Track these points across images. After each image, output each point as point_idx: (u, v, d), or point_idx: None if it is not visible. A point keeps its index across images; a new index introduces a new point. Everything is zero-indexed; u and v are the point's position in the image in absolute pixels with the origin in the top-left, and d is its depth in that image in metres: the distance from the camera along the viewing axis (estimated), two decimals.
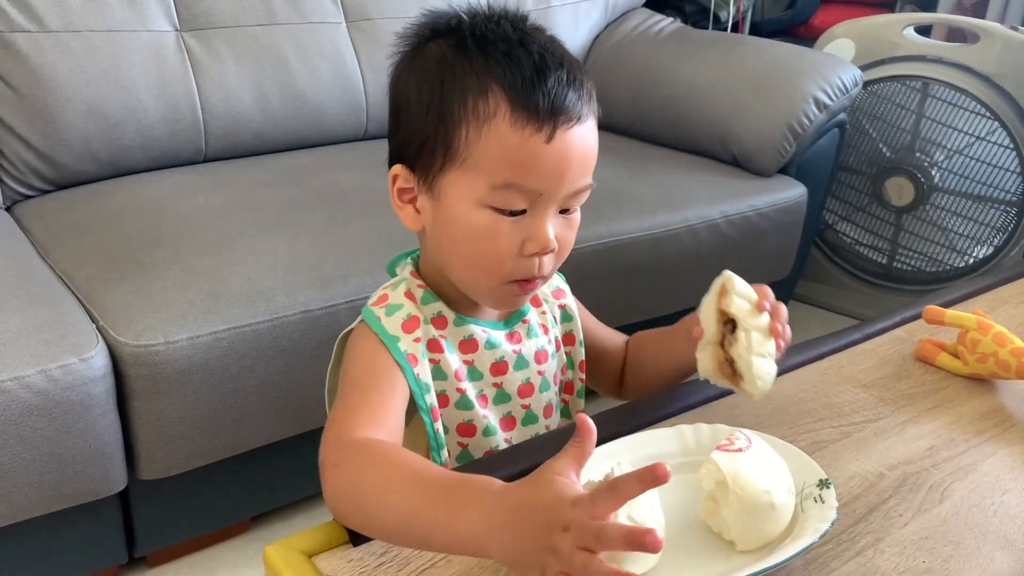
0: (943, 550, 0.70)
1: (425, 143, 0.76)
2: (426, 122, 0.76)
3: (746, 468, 0.67)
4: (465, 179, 0.75)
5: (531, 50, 0.75)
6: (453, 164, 0.75)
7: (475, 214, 0.75)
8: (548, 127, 0.73)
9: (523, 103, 0.72)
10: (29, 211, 1.73)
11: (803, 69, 2.15)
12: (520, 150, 0.73)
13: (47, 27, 1.74)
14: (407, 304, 0.81)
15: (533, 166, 0.73)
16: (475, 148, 0.74)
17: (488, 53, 0.75)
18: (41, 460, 1.26)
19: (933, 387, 0.94)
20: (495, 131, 0.73)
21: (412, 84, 0.78)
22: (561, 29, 2.43)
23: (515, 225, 0.75)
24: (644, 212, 1.86)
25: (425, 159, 0.77)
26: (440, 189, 0.77)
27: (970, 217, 2.33)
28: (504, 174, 0.73)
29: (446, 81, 0.75)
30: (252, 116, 1.96)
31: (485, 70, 0.74)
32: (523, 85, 0.73)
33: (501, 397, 0.85)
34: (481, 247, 0.76)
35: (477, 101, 0.73)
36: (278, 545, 0.68)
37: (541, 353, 0.87)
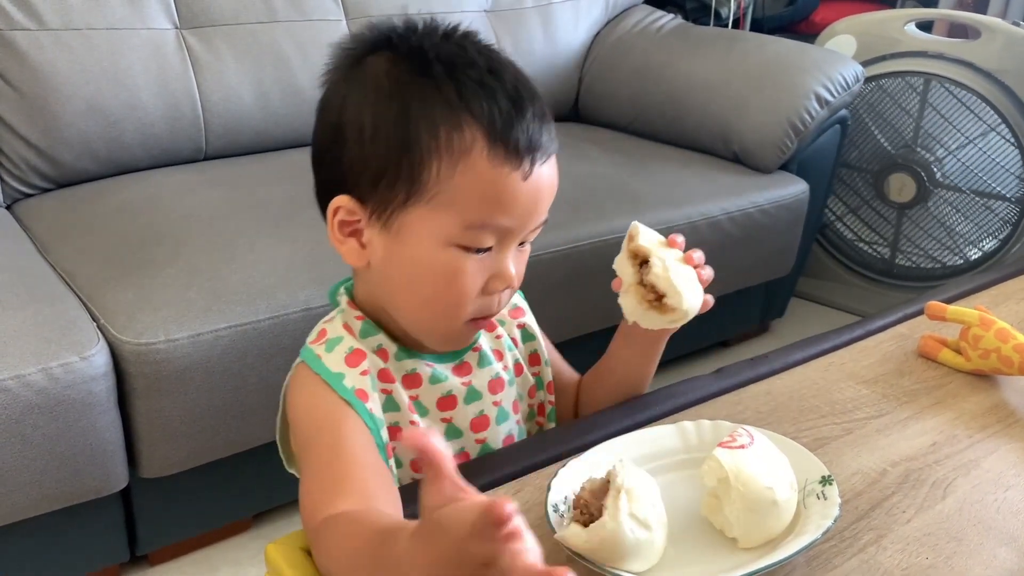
0: (946, 546, 0.70)
1: (382, 174, 0.70)
2: (386, 152, 0.69)
3: (748, 465, 0.67)
4: (433, 217, 0.69)
5: (504, 80, 0.70)
6: (419, 200, 0.69)
7: (441, 253, 0.70)
8: (526, 164, 0.69)
9: (502, 139, 0.68)
10: (29, 209, 1.72)
11: (804, 65, 2.15)
12: (497, 188, 0.69)
13: (47, 25, 1.74)
14: (347, 337, 0.76)
15: (508, 204, 0.70)
16: (447, 185, 0.68)
17: (459, 80, 0.69)
18: (42, 458, 1.26)
19: (935, 383, 0.94)
20: (471, 168, 0.68)
21: (365, 107, 0.71)
22: (562, 26, 2.43)
23: (480, 263, 0.71)
24: (645, 209, 1.85)
25: (383, 192, 0.70)
26: (400, 225, 0.71)
27: (972, 213, 2.33)
28: (480, 213, 0.69)
29: (412, 108, 0.69)
30: (252, 114, 1.96)
31: (458, 100, 0.68)
32: (501, 120, 0.68)
33: (452, 433, 0.80)
34: (444, 288, 0.71)
35: (451, 134, 0.68)
36: (280, 543, 0.68)
37: (496, 382, 0.81)
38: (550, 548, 0.67)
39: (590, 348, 1.69)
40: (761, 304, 2.28)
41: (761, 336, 2.40)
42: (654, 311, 0.76)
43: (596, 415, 0.86)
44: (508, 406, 0.83)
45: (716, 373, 0.94)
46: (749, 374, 0.94)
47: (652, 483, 0.67)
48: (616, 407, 0.87)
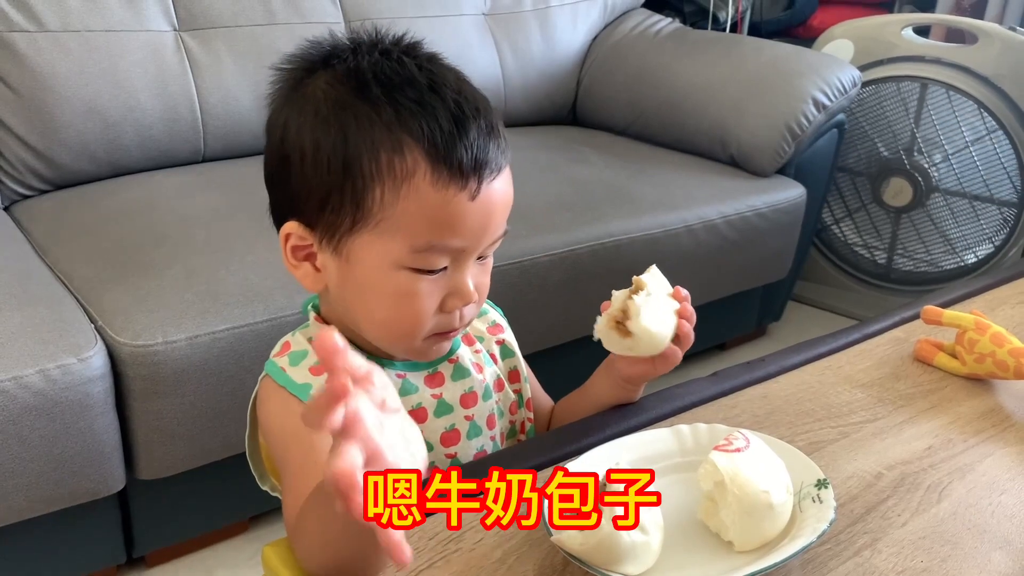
0: (941, 550, 0.70)
1: (327, 200, 0.69)
2: (328, 177, 0.68)
3: (744, 468, 0.67)
4: (380, 242, 0.68)
5: (444, 97, 0.68)
6: (365, 226, 0.68)
7: (392, 277, 0.69)
8: (473, 183, 0.68)
9: (444, 160, 0.66)
10: (27, 211, 1.72)
11: (802, 70, 2.15)
12: (443, 210, 0.67)
13: (45, 27, 1.74)
14: (311, 352, 0.74)
15: (458, 226, 0.68)
16: (392, 210, 0.67)
17: (398, 101, 0.67)
18: (39, 460, 1.26)
19: (931, 387, 0.94)
20: (414, 192, 0.67)
21: (305, 131, 0.69)
22: (560, 29, 2.44)
23: (434, 283, 0.70)
24: (642, 212, 1.86)
25: (329, 217, 0.69)
26: (349, 251, 0.70)
27: (968, 218, 2.34)
28: (426, 236, 0.68)
29: (350, 132, 0.67)
30: (251, 116, 1.96)
31: (397, 122, 0.67)
32: (442, 140, 0.66)
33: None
34: (399, 311, 0.71)
35: (392, 159, 0.67)
36: (276, 544, 0.68)
37: (469, 396, 0.80)
38: (547, 550, 0.68)
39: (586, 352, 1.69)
40: (758, 308, 2.28)
41: (758, 340, 2.40)
42: (615, 332, 0.77)
43: (592, 418, 0.86)
44: (481, 421, 0.82)
45: (712, 376, 0.94)
46: (745, 378, 0.94)
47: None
48: (612, 410, 0.87)
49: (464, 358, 0.81)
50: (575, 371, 1.01)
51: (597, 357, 0.91)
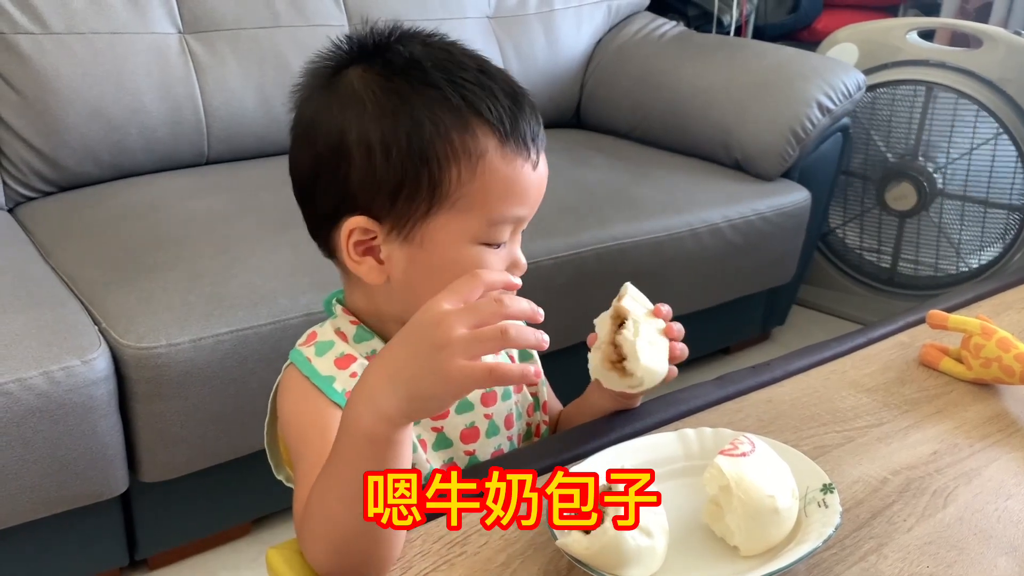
0: (947, 555, 0.69)
1: (399, 189, 0.70)
2: (400, 166, 0.70)
3: (750, 472, 0.67)
4: (457, 221, 0.71)
5: (496, 78, 0.73)
6: (442, 208, 0.70)
7: (468, 253, 0.72)
8: (533, 155, 0.73)
9: (511, 135, 0.71)
10: (31, 213, 1.73)
11: (806, 73, 2.15)
12: (515, 182, 0.72)
13: (50, 29, 1.74)
14: (338, 342, 0.76)
15: (525, 195, 0.73)
16: (469, 188, 0.70)
17: (460, 84, 0.71)
18: (43, 462, 1.26)
19: (936, 392, 0.94)
20: (488, 167, 0.70)
21: (367, 123, 0.70)
22: (564, 32, 2.44)
23: (499, 257, 0.74)
24: (647, 216, 1.86)
25: (402, 206, 0.71)
26: (424, 235, 0.71)
27: (973, 222, 2.33)
28: (501, 208, 0.72)
29: (421, 119, 0.69)
30: (254, 118, 1.96)
31: (464, 104, 0.70)
32: (506, 117, 0.71)
33: (441, 442, 0.79)
34: None
35: (464, 139, 0.70)
36: (281, 547, 0.68)
37: (489, 395, 0.81)
38: (551, 554, 0.67)
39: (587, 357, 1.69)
40: (762, 312, 2.28)
41: (762, 344, 2.40)
42: (615, 372, 0.77)
43: (597, 422, 0.86)
44: (500, 420, 0.83)
45: (717, 380, 0.94)
46: (750, 382, 0.94)
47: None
48: (617, 415, 0.87)
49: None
50: (579, 375, 1.01)
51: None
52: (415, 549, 0.68)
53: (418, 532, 0.69)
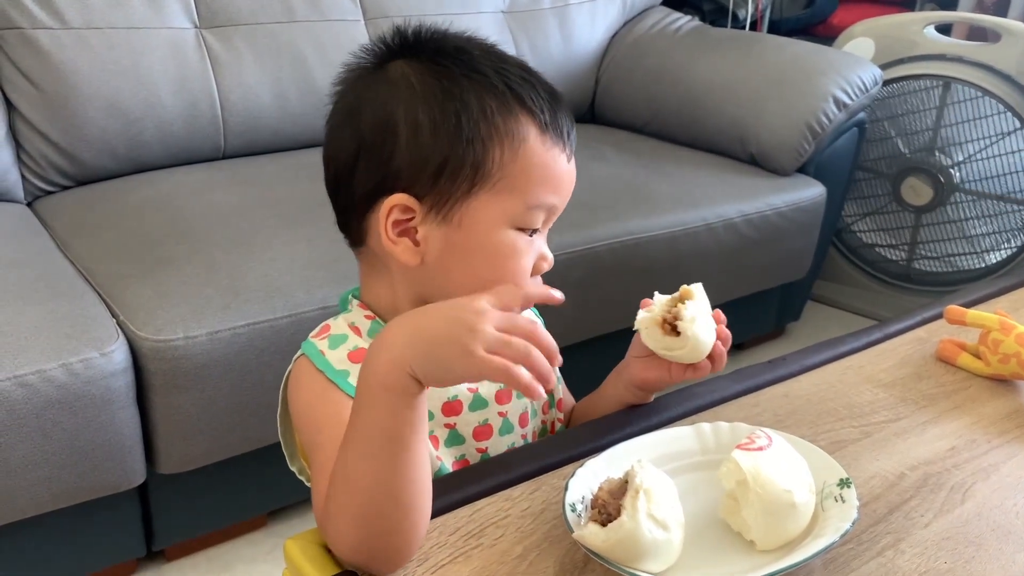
0: (965, 551, 0.69)
1: (444, 167, 0.71)
2: (446, 145, 0.71)
3: (766, 467, 0.67)
4: (497, 201, 0.72)
5: (537, 77, 0.76)
6: (483, 187, 0.72)
7: (504, 235, 0.73)
8: (569, 147, 0.76)
9: (550, 125, 0.74)
10: (50, 206, 1.74)
11: (822, 68, 2.14)
12: (552, 169, 0.74)
13: (68, 24, 1.75)
14: (352, 336, 0.77)
15: (560, 184, 0.75)
16: (511, 169, 0.72)
17: (505, 74, 0.74)
18: (61, 454, 1.27)
19: (954, 387, 0.94)
20: (529, 152, 0.73)
21: (415, 104, 0.72)
22: (579, 27, 2.43)
23: (531, 244, 0.75)
24: (662, 210, 1.85)
25: (444, 184, 0.72)
26: (463, 214, 0.72)
27: (990, 217, 2.32)
28: (539, 194, 0.74)
29: (469, 101, 0.72)
30: (270, 113, 1.97)
31: (508, 91, 0.73)
32: (546, 109, 0.74)
33: (454, 439, 0.79)
34: (506, 268, 0.74)
35: (508, 122, 0.72)
36: (298, 538, 0.68)
37: (504, 392, 0.81)
38: (568, 547, 0.68)
39: (605, 349, 1.68)
40: (777, 307, 2.27)
41: (777, 339, 2.39)
42: (659, 330, 0.78)
43: (613, 416, 0.86)
44: (514, 418, 0.83)
45: (733, 375, 0.94)
46: (767, 376, 0.94)
47: (670, 484, 0.67)
48: (633, 409, 0.87)
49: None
50: (593, 369, 1.01)
51: (615, 355, 0.91)
52: (432, 541, 0.69)
53: (435, 524, 0.70)
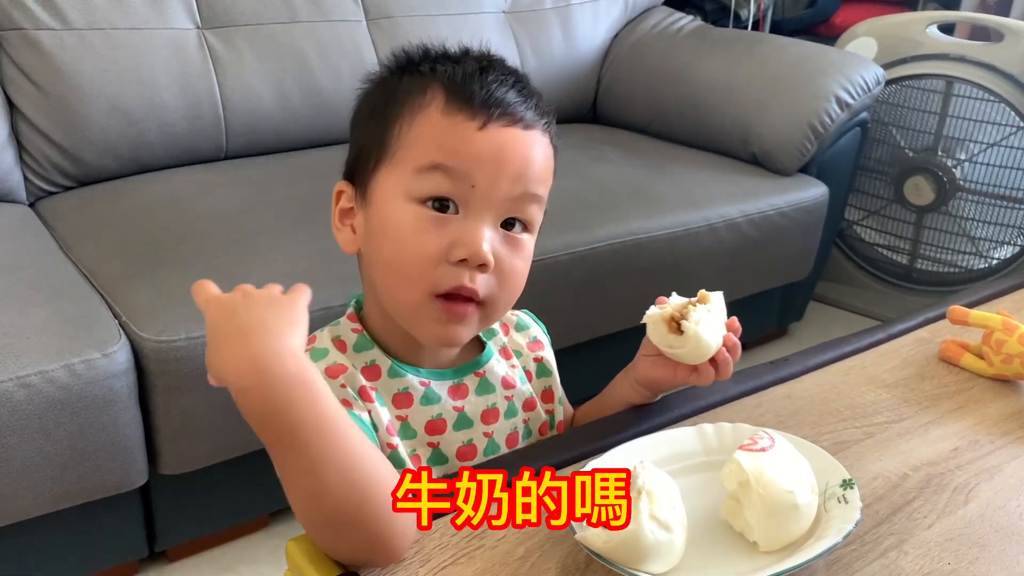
0: (968, 552, 0.69)
1: (363, 149, 0.74)
2: (365, 130, 0.74)
3: (769, 468, 0.67)
4: (394, 174, 0.71)
5: (481, 60, 0.74)
6: (384, 161, 0.72)
7: (402, 209, 0.70)
8: (482, 116, 0.70)
9: (458, 92, 0.71)
10: (52, 207, 1.74)
11: (824, 68, 2.14)
12: (449, 132, 0.70)
13: (71, 25, 1.75)
14: (332, 351, 0.75)
15: (462, 149, 0.69)
16: (407, 139, 0.71)
17: (436, 61, 0.74)
18: (64, 454, 1.27)
19: (957, 388, 0.93)
20: (426, 119, 0.71)
21: (363, 99, 0.77)
22: (581, 27, 2.43)
23: (444, 226, 0.70)
24: (664, 211, 1.85)
25: (362, 165, 0.74)
26: (371, 193, 0.73)
27: (993, 217, 2.31)
28: (430, 155, 0.70)
29: (389, 89, 0.74)
30: (272, 114, 1.97)
31: (430, 73, 0.73)
32: (462, 79, 0.71)
33: (437, 458, 0.77)
34: (403, 246, 0.70)
35: (415, 98, 0.72)
36: (300, 539, 0.68)
37: (490, 412, 0.79)
38: (570, 548, 0.67)
39: (606, 350, 1.68)
40: (779, 307, 2.27)
41: (779, 339, 2.39)
42: (664, 326, 0.78)
43: (615, 417, 0.86)
44: (500, 439, 0.81)
45: (735, 376, 0.93)
46: (769, 377, 0.93)
47: (673, 485, 0.66)
48: (635, 409, 0.86)
49: (494, 372, 0.81)
50: (595, 370, 1.01)
51: (617, 355, 0.91)
52: (434, 542, 0.69)
53: (437, 525, 0.70)
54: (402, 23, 2.13)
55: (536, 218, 0.75)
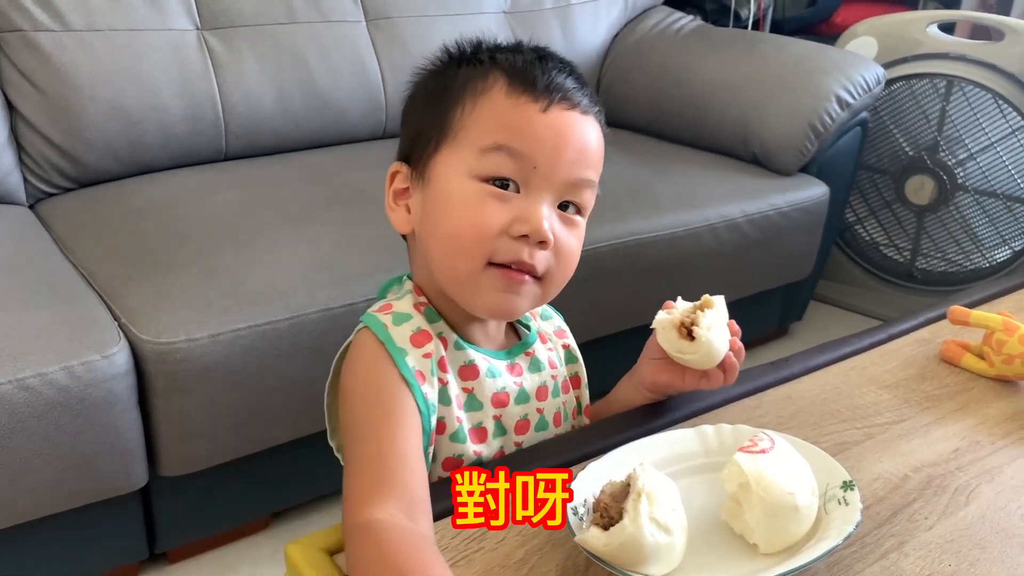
0: (969, 553, 0.69)
1: (422, 132, 0.76)
2: (426, 113, 0.76)
3: (769, 470, 0.67)
4: (456, 153, 0.73)
5: (537, 50, 0.77)
6: (445, 142, 0.74)
7: (464, 186, 0.72)
8: (544, 100, 0.73)
9: (520, 76, 0.73)
10: (52, 209, 1.74)
11: (825, 67, 2.14)
12: (512, 113, 0.72)
13: (70, 26, 1.75)
14: (416, 316, 0.75)
15: (526, 130, 0.72)
16: (469, 120, 0.73)
17: (495, 50, 0.77)
18: (64, 456, 1.27)
19: (958, 388, 0.93)
20: (489, 101, 0.73)
21: (418, 87, 0.79)
22: (581, 27, 2.43)
23: (506, 202, 0.72)
24: (664, 211, 1.85)
25: (421, 147, 0.76)
26: (431, 173, 0.75)
27: (994, 216, 2.31)
28: (494, 136, 0.72)
29: (447, 76, 0.76)
30: (272, 115, 1.96)
31: (490, 60, 0.76)
32: (523, 65, 0.74)
33: (499, 430, 0.79)
34: (464, 219, 0.71)
35: (477, 82, 0.74)
36: (299, 543, 0.68)
37: (543, 389, 0.82)
38: (570, 550, 0.67)
39: (609, 350, 1.68)
40: (780, 307, 2.27)
41: (780, 339, 2.39)
42: (675, 332, 0.78)
43: (616, 418, 0.86)
44: (549, 416, 0.83)
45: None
46: (769, 378, 0.93)
47: (673, 487, 0.66)
48: (636, 410, 0.86)
49: (540, 353, 0.83)
50: (597, 370, 1.01)
51: (620, 355, 0.91)
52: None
53: (437, 527, 0.69)
54: (402, 24, 2.13)
55: (589, 203, 0.78)
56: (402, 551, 0.61)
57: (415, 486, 0.67)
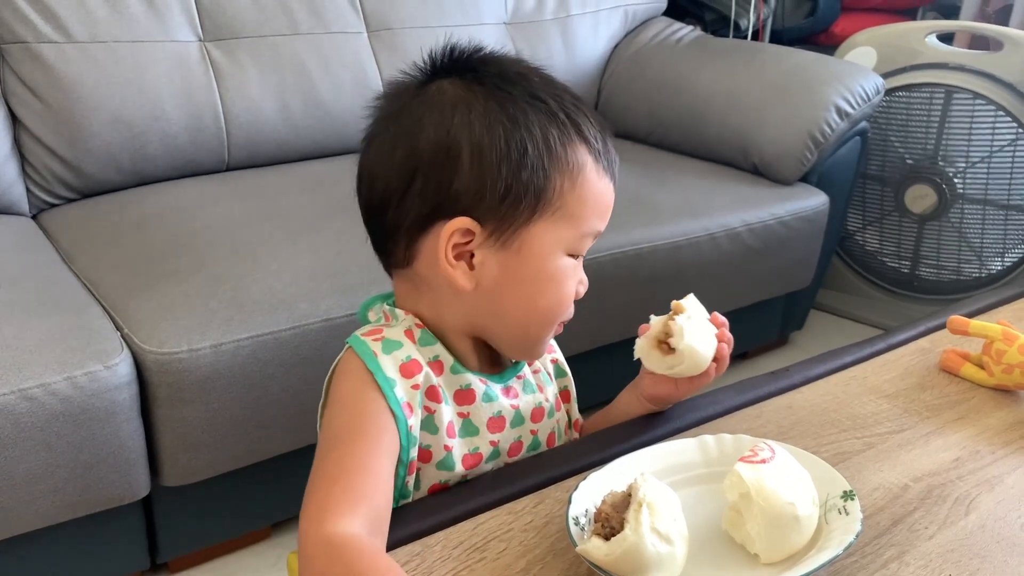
0: (969, 563, 0.69)
1: (508, 193, 0.72)
2: (508, 171, 0.72)
3: (770, 479, 0.67)
4: (555, 228, 0.75)
5: (585, 104, 0.79)
6: (543, 214, 0.74)
7: (559, 261, 0.76)
8: (614, 177, 0.79)
9: (602, 156, 0.77)
10: (54, 219, 1.75)
11: (824, 77, 2.14)
12: (603, 198, 0.77)
13: (73, 38, 1.76)
14: (407, 344, 0.75)
15: (607, 212, 0.78)
16: (570, 197, 0.74)
17: (562, 101, 0.76)
18: (66, 466, 1.27)
19: (958, 398, 0.93)
20: (586, 181, 0.75)
21: (477, 129, 0.72)
22: (581, 38, 2.44)
23: (576, 270, 0.78)
24: (664, 221, 1.85)
25: (507, 210, 0.72)
26: (522, 240, 0.74)
27: (994, 226, 2.31)
28: (593, 220, 0.77)
29: (532, 128, 0.73)
30: (274, 125, 1.97)
31: (568, 120, 0.75)
32: (599, 138, 0.77)
33: (494, 455, 0.80)
34: (562, 295, 0.77)
35: (568, 150, 0.75)
36: None
37: (538, 411, 0.83)
38: (571, 561, 0.68)
39: (608, 360, 1.68)
40: (780, 316, 2.27)
41: (780, 348, 2.39)
42: (658, 351, 0.80)
43: (616, 428, 0.86)
44: (543, 436, 0.84)
45: (736, 386, 0.94)
46: (770, 388, 0.94)
47: (674, 497, 0.67)
48: (636, 420, 0.87)
49: (528, 376, 0.84)
50: (596, 380, 1.02)
51: (619, 366, 0.91)
52: (435, 555, 0.69)
53: (438, 538, 0.70)
54: (402, 35, 2.14)
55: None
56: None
57: (380, 506, 0.67)
